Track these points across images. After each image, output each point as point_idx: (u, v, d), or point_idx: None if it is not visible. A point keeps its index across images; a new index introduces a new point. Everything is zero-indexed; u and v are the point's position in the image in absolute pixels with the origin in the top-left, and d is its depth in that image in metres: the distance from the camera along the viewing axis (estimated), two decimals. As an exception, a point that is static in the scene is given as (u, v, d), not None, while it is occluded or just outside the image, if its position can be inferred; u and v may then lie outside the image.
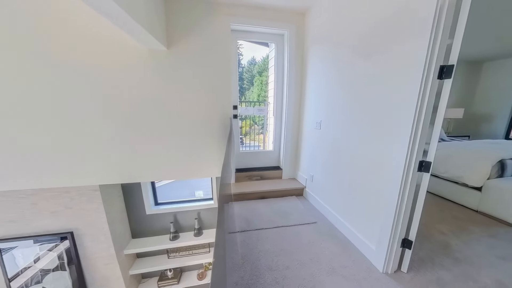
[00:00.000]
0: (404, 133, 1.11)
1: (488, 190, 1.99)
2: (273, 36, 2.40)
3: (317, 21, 2.01)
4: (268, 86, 2.78)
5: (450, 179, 2.31)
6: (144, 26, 1.33)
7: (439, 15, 0.94)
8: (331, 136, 1.85)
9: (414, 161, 1.11)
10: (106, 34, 1.66)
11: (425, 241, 1.60)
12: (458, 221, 1.90)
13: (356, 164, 1.52)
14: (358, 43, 1.46)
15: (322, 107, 1.98)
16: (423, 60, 1.00)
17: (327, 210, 1.92)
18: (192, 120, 2.03)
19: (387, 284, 1.21)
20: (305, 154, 2.39)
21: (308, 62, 2.23)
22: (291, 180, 2.62)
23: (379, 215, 1.31)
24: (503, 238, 1.66)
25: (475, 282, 1.22)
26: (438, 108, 1.05)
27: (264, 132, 2.92)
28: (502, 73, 3.97)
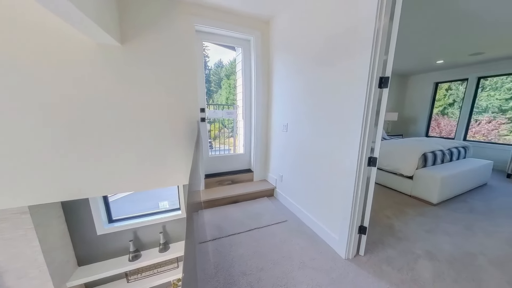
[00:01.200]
0: (356, 134, 1.28)
1: (417, 178, 2.47)
2: (240, 41, 2.43)
3: (280, 30, 2.14)
4: (236, 90, 2.79)
5: (391, 171, 2.78)
6: (89, 16, 1.16)
7: (376, 36, 1.13)
8: (296, 138, 1.98)
9: (364, 158, 1.29)
10: (40, 23, 1.38)
11: (375, 225, 1.87)
12: (398, 206, 2.30)
13: (319, 162, 1.67)
14: (316, 54, 1.62)
15: (288, 111, 2.10)
16: (367, 72, 1.18)
17: (296, 207, 2.04)
18: (154, 124, 1.86)
19: (349, 269, 1.35)
20: (275, 155, 2.49)
21: (273, 68, 2.34)
22: (262, 182, 2.67)
23: (339, 207, 1.47)
24: (428, 215, 2.09)
25: (412, 254, 1.49)
26: (380, 112, 1.26)
27: (234, 135, 2.91)
28: (422, 85, 5.07)
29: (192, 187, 1.07)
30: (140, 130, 1.81)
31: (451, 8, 1.95)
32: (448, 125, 4.83)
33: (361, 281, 1.26)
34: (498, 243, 1.63)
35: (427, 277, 1.29)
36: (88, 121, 1.62)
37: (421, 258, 1.45)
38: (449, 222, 1.95)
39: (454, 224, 1.91)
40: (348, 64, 1.32)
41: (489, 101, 4.24)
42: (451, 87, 4.75)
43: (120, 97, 1.70)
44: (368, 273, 1.31)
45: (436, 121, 5.06)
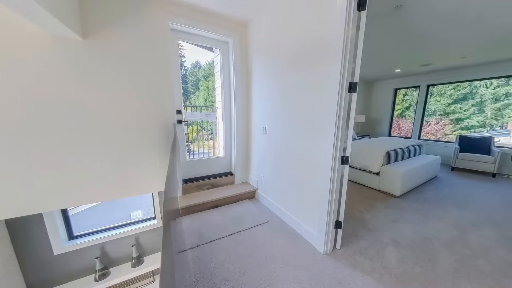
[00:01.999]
0: (330, 135, 1.37)
1: (382, 173, 2.75)
2: (218, 42, 2.40)
3: (257, 34, 2.18)
4: (215, 91, 2.74)
5: (361, 168, 3.03)
6: (43, 5, 1.02)
7: (345, 46, 1.23)
8: (276, 139, 2.02)
9: (338, 157, 1.39)
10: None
11: (349, 219, 2.01)
12: (368, 200, 2.51)
13: (298, 162, 1.74)
14: (292, 60, 1.69)
15: (267, 113, 2.15)
16: (338, 77, 1.28)
17: (277, 207, 2.08)
18: (123, 126, 1.71)
19: (327, 263, 1.43)
20: (255, 157, 2.51)
21: (252, 71, 2.37)
22: (243, 184, 2.66)
23: (317, 204, 1.55)
24: (393, 207, 2.33)
25: (381, 243, 1.65)
26: (350, 115, 1.37)
27: (214, 138, 2.84)
28: (384, 90, 5.67)
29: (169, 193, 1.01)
30: (107, 133, 1.65)
31: (406, 26, 2.24)
32: (406, 126, 5.50)
33: (338, 273, 1.34)
34: (447, 227, 1.90)
35: (394, 262, 1.43)
36: (41, 123, 1.41)
37: (389, 246, 1.61)
38: (410, 211, 2.21)
39: (414, 213, 2.17)
40: (321, 70, 1.41)
41: (436, 105, 4.97)
42: (407, 93, 5.43)
43: (82, 96, 1.53)
44: (344, 265, 1.40)
45: (396, 122, 5.71)
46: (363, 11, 1.22)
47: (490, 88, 4.66)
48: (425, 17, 2.07)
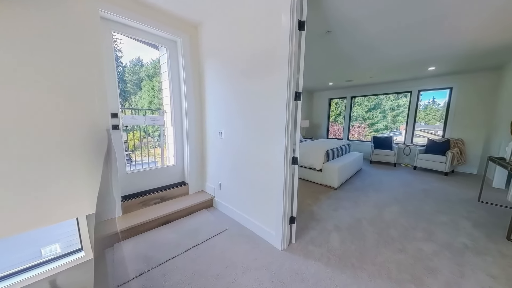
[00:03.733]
0: (281, 138, 1.49)
1: (324, 170, 3.21)
2: (165, 40, 2.20)
3: (209, 38, 2.15)
4: (162, 93, 2.48)
5: (307, 166, 3.44)
6: None
7: (290, 58, 1.39)
8: (232, 144, 2.02)
9: (289, 158, 1.53)
10: None
11: (301, 213, 2.23)
12: (315, 194, 2.87)
13: (254, 165, 1.79)
14: (246, 66, 1.75)
15: (222, 118, 2.12)
16: (286, 86, 1.42)
17: (236, 213, 2.06)
18: (33, 133, 1.28)
19: (285, 258, 1.52)
20: (212, 163, 2.41)
21: (205, 74, 2.30)
22: (199, 194, 2.49)
23: (273, 203, 1.63)
24: (333, 197, 2.75)
25: (326, 231, 1.90)
26: (296, 120, 1.54)
27: (162, 145, 2.54)
28: (322, 99, 6.71)
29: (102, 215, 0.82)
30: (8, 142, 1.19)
31: (335, 48, 2.75)
32: (339, 129, 6.69)
33: (295, 265, 1.44)
34: (370, 208, 2.41)
35: (337, 245, 1.68)
36: None
37: (332, 232, 1.88)
38: (345, 200, 2.66)
39: (348, 201, 2.63)
40: (272, 79, 1.53)
41: (357, 113, 6.31)
42: (338, 102, 6.63)
43: None
44: (299, 257, 1.53)
45: (332, 126, 6.85)
46: (303, 31, 1.42)
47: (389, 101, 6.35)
48: (346, 43, 2.61)
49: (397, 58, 3.18)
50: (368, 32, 2.29)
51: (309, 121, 6.64)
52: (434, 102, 5.08)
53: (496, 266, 1.44)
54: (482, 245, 1.69)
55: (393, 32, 2.28)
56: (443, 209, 2.39)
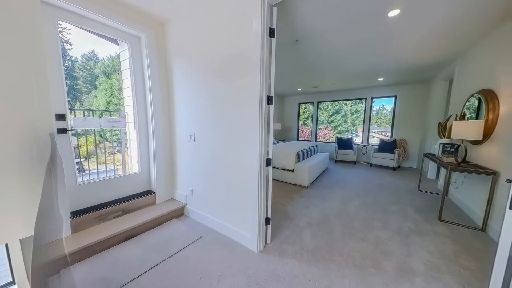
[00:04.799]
0: (255, 141, 1.52)
1: (296, 170, 3.38)
2: (126, 35, 2.00)
3: (179, 37, 2.04)
4: (123, 93, 2.23)
5: (280, 168, 3.56)
6: None
7: (262, 63, 1.43)
8: (205, 147, 1.95)
9: (263, 160, 1.56)
10: None
11: (275, 213, 2.29)
12: (288, 193, 2.98)
13: (228, 169, 1.76)
14: (219, 68, 1.73)
15: (194, 120, 2.03)
16: (258, 90, 1.45)
17: (210, 219, 1.98)
18: None
19: (261, 260, 1.53)
20: (182, 169, 2.27)
21: (174, 74, 2.17)
22: (168, 202, 2.31)
23: (249, 206, 1.63)
24: (305, 196, 2.91)
25: (299, 228, 1.99)
26: (269, 123, 1.58)
27: (123, 150, 2.27)
28: (292, 104, 7.08)
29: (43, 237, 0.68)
30: None
31: (302, 57, 2.95)
32: (308, 132, 7.16)
33: (271, 265, 1.46)
34: (336, 204, 2.63)
35: (309, 241, 1.78)
36: None
37: (304, 229, 1.98)
38: (315, 197, 2.85)
39: (317, 198, 2.82)
40: (244, 82, 1.55)
41: (323, 117, 6.89)
42: (306, 107, 7.12)
43: None
44: (274, 257, 1.56)
45: (301, 129, 7.29)
46: (273, 38, 1.48)
47: (348, 106, 7.13)
48: (312, 52, 2.83)
49: (355, 68, 3.61)
50: (331, 44, 2.54)
51: (281, 124, 6.94)
52: (383, 108, 5.96)
53: (433, 243, 1.75)
54: (422, 227, 2.03)
55: (351, 46, 2.58)
56: (393, 199, 2.79)
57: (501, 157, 1.85)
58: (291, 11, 1.83)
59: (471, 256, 1.58)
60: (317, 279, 1.34)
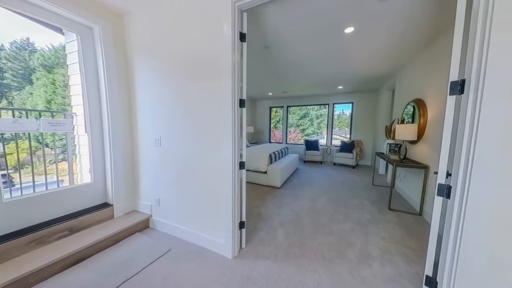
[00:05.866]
0: (228, 144, 1.50)
1: (268, 171, 3.46)
2: (74, 24, 1.72)
3: (143, 32, 1.87)
4: (70, 90, 1.91)
5: (254, 170, 3.60)
6: None
7: (234, 66, 1.43)
8: (174, 152, 1.82)
9: (236, 163, 1.54)
10: None
11: (250, 216, 2.29)
12: (262, 195, 3.02)
13: (200, 173, 1.69)
14: (187, 69, 1.65)
15: (160, 123, 1.88)
16: (230, 93, 1.44)
17: (180, 229, 1.84)
18: None
19: (236, 265, 1.50)
20: (147, 176, 2.06)
21: (137, 73, 1.97)
22: (130, 215, 2.05)
23: (222, 211, 1.59)
24: (277, 196, 2.99)
25: (273, 228, 2.04)
26: (242, 126, 1.59)
27: (70, 158, 1.93)
28: (263, 107, 7.28)
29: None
30: None
31: (272, 62, 3.07)
32: (279, 135, 7.45)
33: (246, 270, 1.45)
34: (306, 201, 2.80)
35: (282, 239, 1.83)
36: None
37: (278, 228, 2.04)
38: (287, 196, 2.97)
39: (289, 197, 2.95)
40: (216, 84, 1.52)
41: (292, 120, 7.31)
42: (277, 111, 7.42)
43: None
44: (250, 260, 1.55)
45: (273, 132, 7.55)
46: (244, 42, 1.50)
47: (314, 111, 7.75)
48: (281, 59, 2.98)
49: (319, 77, 3.95)
50: (298, 52, 2.73)
51: (254, 127, 7.05)
52: (343, 113, 6.70)
53: (385, 230, 2.02)
54: (376, 216, 2.33)
55: (315, 55, 2.82)
56: (353, 194, 3.13)
57: (430, 153, 2.29)
58: (261, 19, 1.90)
59: (413, 237, 1.90)
60: (291, 277, 1.39)
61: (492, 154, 0.82)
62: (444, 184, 0.99)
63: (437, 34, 2.15)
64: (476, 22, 0.85)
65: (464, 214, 0.88)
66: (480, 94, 0.83)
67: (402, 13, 1.77)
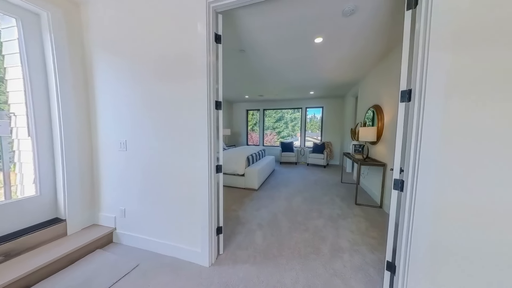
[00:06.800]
0: (204, 147, 1.44)
1: (246, 174, 3.45)
2: (13, 7, 1.45)
3: (105, 24, 1.68)
4: (7, 85, 1.58)
5: (231, 173, 3.55)
6: None
7: (209, 67, 1.40)
8: (142, 156, 1.67)
9: (213, 166, 1.50)
10: None
11: (227, 221, 2.24)
12: (239, 198, 2.99)
13: (173, 179, 1.58)
14: (159, 68, 1.54)
15: (126, 125, 1.70)
16: (206, 95, 1.41)
17: (151, 241, 1.69)
18: None
19: (214, 273, 1.44)
20: (109, 185, 1.83)
21: (97, 70, 1.75)
22: (88, 230, 1.80)
23: (198, 218, 1.52)
24: (255, 198, 3.00)
25: (251, 231, 2.03)
26: (219, 128, 1.56)
27: (7, 167, 1.59)
28: (240, 110, 7.28)
29: None
30: None
31: (248, 66, 3.10)
32: (256, 137, 7.53)
33: (224, 277, 1.41)
34: (282, 201, 2.88)
35: (260, 242, 1.84)
36: None
37: (256, 231, 2.04)
38: (265, 198, 3.01)
39: (266, 199, 2.99)
40: (190, 85, 1.45)
41: (268, 123, 7.49)
42: (254, 113, 7.51)
43: None
44: (228, 266, 1.51)
45: (250, 134, 7.59)
46: (219, 44, 1.49)
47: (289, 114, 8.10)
48: (257, 63, 3.04)
49: (292, 82, 4.15)
50: (273, 58, 2.82)
51: (231, 129, 6.98)
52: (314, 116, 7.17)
53: (353, 224, 2.21)
54: (345, 211, 2.54)
55: (289, 61, 2.96)
56: (325, 192, 3.35)
57: (387, 153, 2.61)
58: (237, 22, 1.91)
59: (376, 228, 2.12)
60: (270, 277, 1.40)
61: (433, 151, 0.97)
62: (399, 179, 1.14)
63: (391, 49, 2.48)
64: (418, 41, 1.01)
65: (414, 204, 1.03)
66: (422, 102, 0.98)
67: (363, 29, 1.99)
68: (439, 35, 0.94)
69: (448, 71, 0.93)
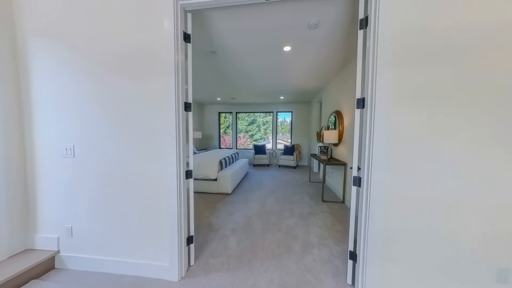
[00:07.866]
0: (172, 151, 1.35)
1: (219, 178, 3.36)
2: None
3: (46, 8, 1.42)
4: None
5: (203, 178, 3.40)
6: None
7: (176, 66, 1.33)
8: (96, 163, 1.45)
9: (182, 172, 1.41)
10: None
11: (199, 228, 2.12)
12: (212, 204, 2.89)
13: (135, 188, 1.42)
14: (119, 64, 1.37)
15: (74, 128, 1.46)
16: (173, 95, 1.32)
17: (108, 261, 1.47)
18: None
19: (185, 287, 1.34)
20: (50, 200, 1.52)
21: (34, 61, 1.45)
22: (19, 257, 1.45)
23: (164, 229, 1.40)
24: (228, 203, 2.94)
25: (225, 237, 1.97)
26: (188, 131, 1.48)
27: None
28: (212, 112, 7.09)
29: None
30: None
31: (220, 68, 3.06)
32: (229, 140, 7.43)
33: (196, 288, 1.32)
34: (256, 204, 2.90)
35: (234, 247, 1.81)
36: None
37: (230, 236, 1.99)
38: (238, 202, 2.97)
39: (240, 202, 2.97)
40: (156, 84, 1.35)
41: (241, 126, 7.50)
42: (226, 116, 7.41)
43: None
44: (200, 278, 1.43)
45: (223, 137, 7.44)
46: (189, 43, 1.43)
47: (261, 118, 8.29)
48: (228, 65, 3.02)
49: (263, 86, 4.28)
50: (244, 62, 2.85)
51: (202, 132, 6.70)
52: (285, 120, 7.53)
53: (320, 220, 2.38)
54: (314, 208, 2.72)
55: (259, 66, 3.04)
56: (295, 191, 3.52)
57: (347, 153, 2.92)
58: (207, 22, 1.87)
59: (340, 222, 2.33)
60: (244, 282, 1.38)
61: (382, 152, 1.14)
62: (357, 176, 1.29)
63: (349, 60, 2.81)
64: (369, 57, 1.17)
65: (369, 198, 1.18)
66: (373, 109, 1.14)
67: (325, 41, 2.21)
68: (383, 53, 1.11)
69: (390, 84, 1.11)
